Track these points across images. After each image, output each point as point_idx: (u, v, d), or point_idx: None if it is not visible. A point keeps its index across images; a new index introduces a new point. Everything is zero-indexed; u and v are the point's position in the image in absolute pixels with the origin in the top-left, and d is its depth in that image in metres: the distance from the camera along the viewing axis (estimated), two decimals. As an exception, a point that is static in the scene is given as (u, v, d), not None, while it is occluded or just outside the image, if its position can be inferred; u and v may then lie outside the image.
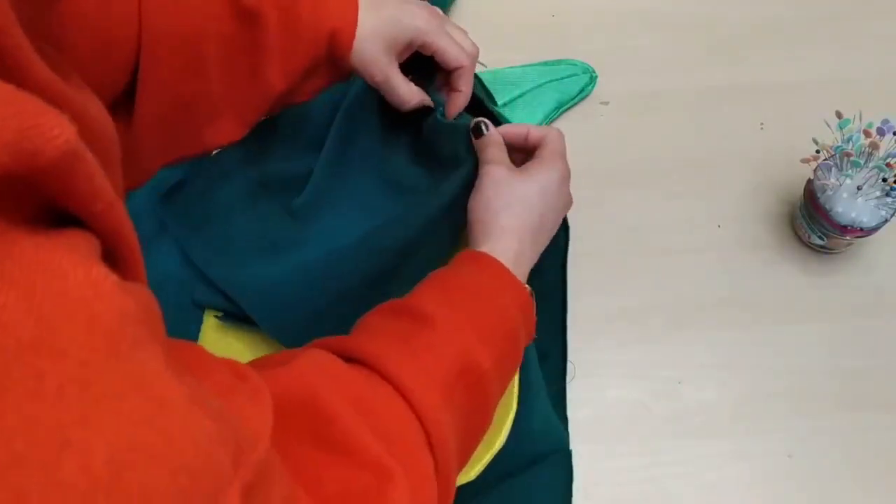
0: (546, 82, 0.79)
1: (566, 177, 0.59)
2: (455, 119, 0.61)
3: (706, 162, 0.77)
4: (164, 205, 0.67)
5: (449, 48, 0.59)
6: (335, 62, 0.57)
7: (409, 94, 0.59)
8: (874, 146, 0.63)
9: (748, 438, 0.66)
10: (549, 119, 0.78)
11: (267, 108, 0.57)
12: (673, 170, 0.77)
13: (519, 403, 0.59)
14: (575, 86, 0.80)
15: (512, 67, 0.79)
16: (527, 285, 0.55)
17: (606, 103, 0.80)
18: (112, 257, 0.26)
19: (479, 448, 0.57)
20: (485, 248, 0.54)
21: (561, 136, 0.61)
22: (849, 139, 0.63)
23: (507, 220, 0.55)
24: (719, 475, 0.65)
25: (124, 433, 0.21)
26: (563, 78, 0.79)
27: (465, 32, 0.62)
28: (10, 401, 0.19)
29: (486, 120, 0.60)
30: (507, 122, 0.64)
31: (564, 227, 0.70)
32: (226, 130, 0.57)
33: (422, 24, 0.58)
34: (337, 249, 0.62)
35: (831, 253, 0.72)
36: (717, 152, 0.77)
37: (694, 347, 0.69)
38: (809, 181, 0.68)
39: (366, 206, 0.66)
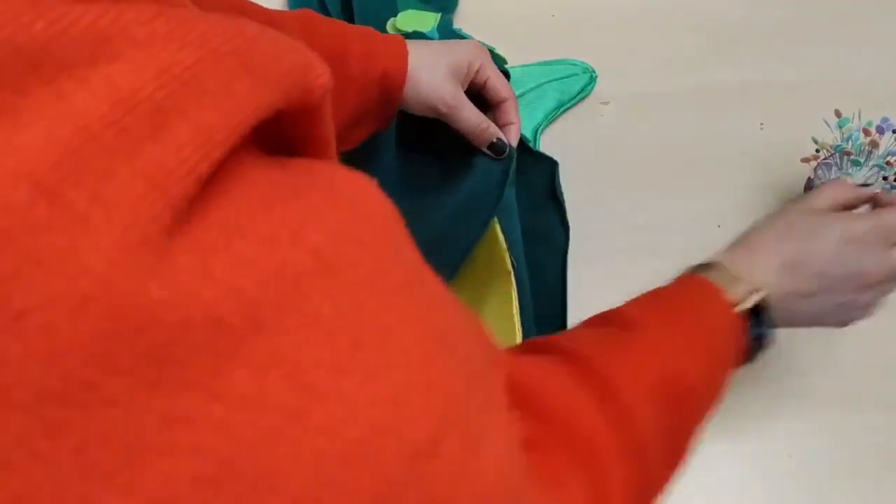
0: (546, 82, 0.79)
1: (857, 238, 0.49)
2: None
3: (706, 162, 0.77)
4: None
5: (499, 78, 0.60)
6: (385, 106, 0.57)
7: (479, 119, 0.59)
8: (874, 144, 0.63)
9: (748, 438, 0.66)
10: (549, 119, 0.79)
11: None
12: (673, 170, 0.76)
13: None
14: (575, 86, 0.80)
15: (512, 67, 0.79)
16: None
17: (606, 103, 0.80)
18: None
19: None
20: (717, 256, 0.51)
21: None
22: (848, 138, 0.63)
23: (754, 237, 0.51)
24: (719, 475, 0.65)
25: (427, 305, 0.23)
26: (563, 78, 0.80)
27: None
28: (343, 285, 0.21)
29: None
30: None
31: (564, 228, 0.71)
32: None
33: (476, 50, 0.60)
34: None
35: (831, 253, 0.72)
36: (717, 152, 0.77)
37: (694, 347, 0.69)
38: (809, 180, 0.68)
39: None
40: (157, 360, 0.18)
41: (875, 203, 0.55)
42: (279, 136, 0.24)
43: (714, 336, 0.46)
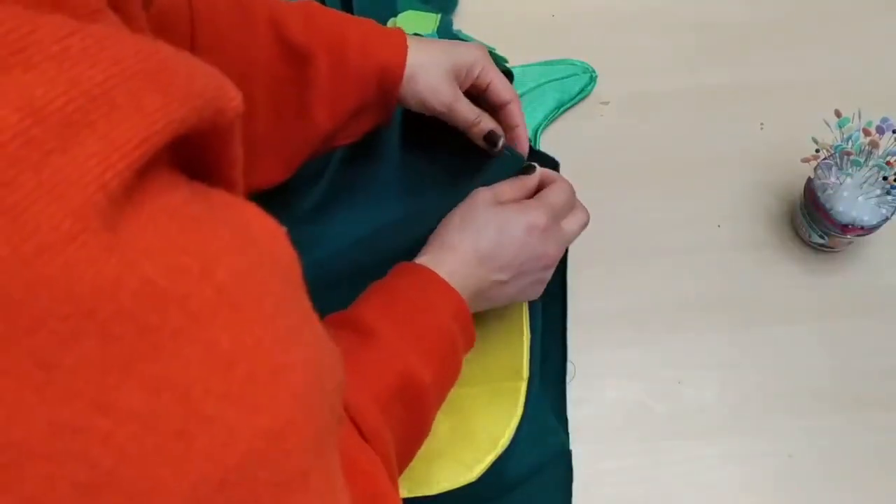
0: (546, 82, 0.79)
1: (538, 228, 0.55)
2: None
3: (706, 162, 0.77)
4: None
5: (501, 81, 0.60)
6: (384, 100, 0.57)
7: (473, 114, 0.59)
8: (874, 144, 0.63)
9: (748, 438, 0.66)
10: (549, 119, 0.79)
11: (311, 150, 0.57)
12: (673, 170, 0.77)
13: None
14: (575, 86, 0.80)
15: (512, 67, 0.79)
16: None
17: (606, 103, 0.80)
18: None
19: (483, 448, 0.57)
20: (423, 259, 0.54)
21: (561, 189, 0.58)
22: (848, 138, 0.63)
23: (453, 238, 0.54)
24: (719, 475, 0.65)
25: (314, 350, 0.25)
26: (563, 78, 0.80)
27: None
28: (243, 321, 0.22)
29: (536, 165, 0.60)
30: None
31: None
32: (268, 173, 0.56)
33: (478, 53, 0.60)
34: (346, 247, 0.62)
35: (832, 251, 0.72)
36: (717, 152, 0.77)
37: (694, 347, 0.69)
38: (809, 180, 0.68)
39: (381, 205, 0.66)
40: (43, 364, 0.18)
41: (542, 182, 0.60)
42: (192, 159, 0.25)
43: (445, 331, 0.50)
